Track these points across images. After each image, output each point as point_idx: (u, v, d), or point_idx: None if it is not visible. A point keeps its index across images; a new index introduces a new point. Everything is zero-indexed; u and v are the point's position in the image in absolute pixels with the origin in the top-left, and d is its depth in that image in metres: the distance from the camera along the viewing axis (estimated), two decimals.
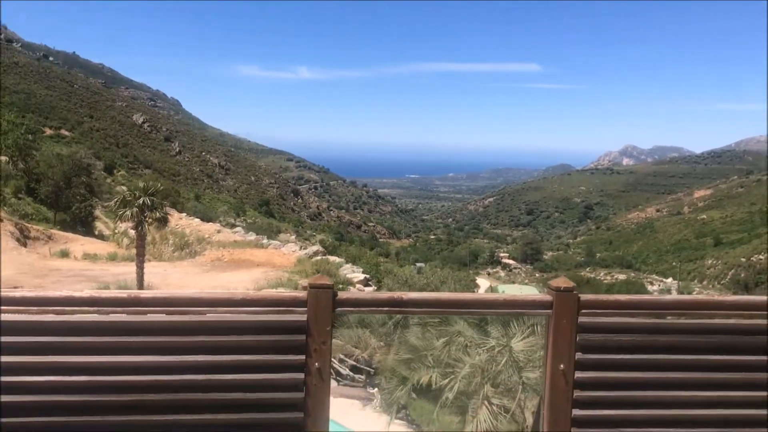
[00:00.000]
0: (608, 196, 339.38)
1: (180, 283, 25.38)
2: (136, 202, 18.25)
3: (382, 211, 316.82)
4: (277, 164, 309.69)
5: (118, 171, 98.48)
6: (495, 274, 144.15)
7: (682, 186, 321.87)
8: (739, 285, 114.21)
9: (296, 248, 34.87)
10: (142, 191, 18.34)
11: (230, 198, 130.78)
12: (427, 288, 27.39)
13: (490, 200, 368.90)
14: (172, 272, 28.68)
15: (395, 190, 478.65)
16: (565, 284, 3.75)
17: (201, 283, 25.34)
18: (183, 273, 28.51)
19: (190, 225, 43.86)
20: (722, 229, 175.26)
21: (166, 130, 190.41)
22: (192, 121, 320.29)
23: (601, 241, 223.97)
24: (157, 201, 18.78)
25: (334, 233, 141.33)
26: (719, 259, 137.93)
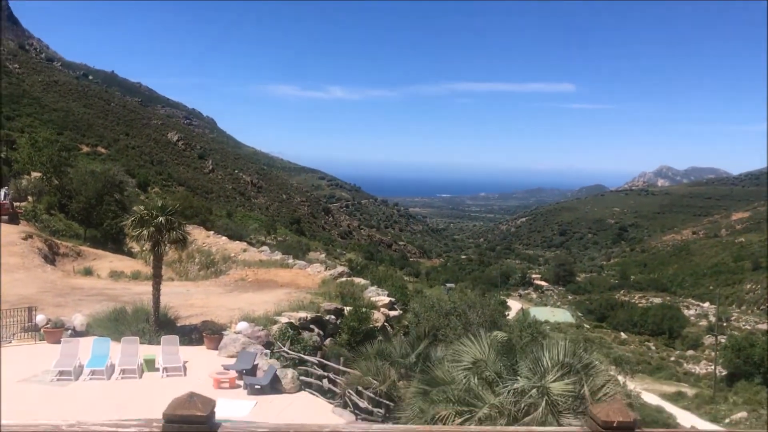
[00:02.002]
0: (643, 217, 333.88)
1: (201, 303, 24.98)
2: (153, 221, 17.75)
3: (413, 230, 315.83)
4: (309, 182, 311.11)
5: (152, 188, 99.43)
6: (527, 295, 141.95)
7: (719, 208, 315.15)
8: None
9: (321, 269, 34.31)
10: (159, 210, 17.87)
11: (262, 216, 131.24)
12: (453, 313, 26.56)
13: (522, 220, 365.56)
14: (194, 292, 28.32)
15: (426, 209, 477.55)
16: (621, 416, 2.52)
17: (223, 303, 24.90)
18: (205, 293, 28.11)
19: (217, 243, 43.66)
20: (761, 252, 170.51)
21: (200, 147, 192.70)
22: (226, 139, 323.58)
23: (636, 264, 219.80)
24: (175, 220, 18.27)
25: (364, 252, 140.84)
26: (758, 284, 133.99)
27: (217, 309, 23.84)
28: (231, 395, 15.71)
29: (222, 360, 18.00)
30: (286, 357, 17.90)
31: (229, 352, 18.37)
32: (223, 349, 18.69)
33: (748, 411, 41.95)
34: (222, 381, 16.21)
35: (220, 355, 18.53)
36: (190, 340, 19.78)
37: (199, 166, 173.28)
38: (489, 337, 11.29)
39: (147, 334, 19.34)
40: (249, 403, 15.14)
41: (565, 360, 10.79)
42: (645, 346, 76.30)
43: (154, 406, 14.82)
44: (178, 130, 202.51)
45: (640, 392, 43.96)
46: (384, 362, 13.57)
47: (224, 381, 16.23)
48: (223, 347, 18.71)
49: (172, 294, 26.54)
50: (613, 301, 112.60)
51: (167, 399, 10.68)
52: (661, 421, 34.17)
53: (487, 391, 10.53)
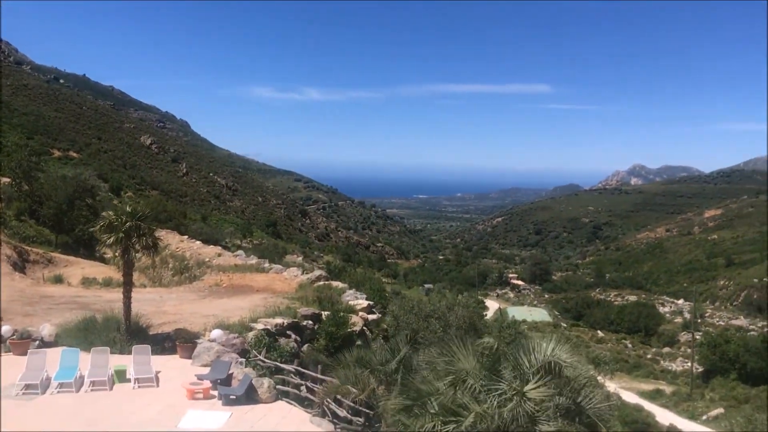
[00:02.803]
0: (617, 216, 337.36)
1: (174, 310, 24.33)
2: (122, 227, 17.17)
3: (390, 231, 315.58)
4: (285, 185, 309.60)
5: (125, 192, 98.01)
6: (504, 295, 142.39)
7: (692, 206, 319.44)
8: (752, 306, 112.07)
9: (298, 273, 33.75)
10: (129, 215, 17.30)
11: (237, 219, 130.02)
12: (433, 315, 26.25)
13: (498, 220, 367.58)
14: (167, 298, 27.63)
15: (404, 210, 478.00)
16: None
17: (197, 310, 24.31)
18: (179, 299, 27.44)
19: (191, 248, 42.89)
20: (734, 249, 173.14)
21: (173, 151, 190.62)
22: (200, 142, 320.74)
23: (611, 262, 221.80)
24: (145, 226, 17.71)
25: (342, 254, 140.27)
26: (731, 280, 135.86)
27: (191, 316, 23.24)
28: (205, 406, 15.20)
29: (196, 369, 17.46)
30: (262, 365, 17.41)
31: (203, 361, 17.82)
32: (196, 357, 18.14)
33: (725, 407, 42.26)
34: (195, 392, 15.68)
35: (194, 365, 17.98)
36: (162, 348, 19.18)
37: (172, 170, 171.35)
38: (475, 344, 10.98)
39: (118, 344, 18.71)
40: (224, 415, 14.65)
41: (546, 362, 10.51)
42: (622, 344, 76.83)
43: (124, 419, 14.31)
44: (151, 133, 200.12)
45: (619, 391, 44.10)
46: (363, 370, 13.17)
47: (198, 391, 15.71)
48: (197, 356, 18.15)
49: (145, 301, 25.87)
50: (589, 300, 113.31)
51: (139, 411, 10.17)
52: (640, 420, 34.22)
53: (471, 400, 10.20)
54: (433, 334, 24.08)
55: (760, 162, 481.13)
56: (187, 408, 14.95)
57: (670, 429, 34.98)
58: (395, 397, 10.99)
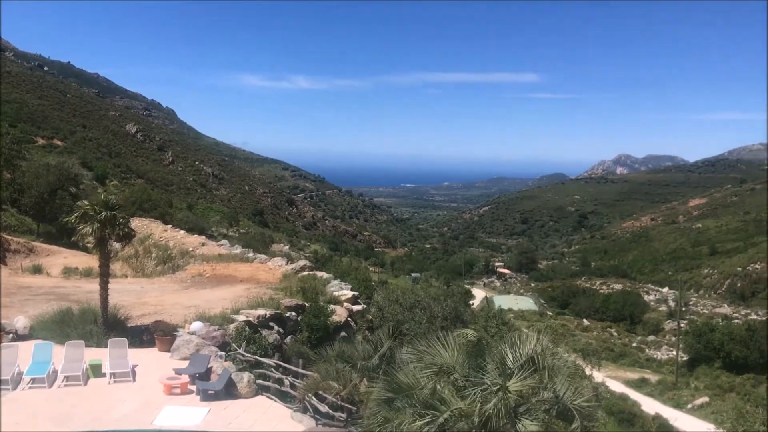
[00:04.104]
0: (602, 204, 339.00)
1: (155, 301, 23.86)
2: (98, 217, 16.67)
3: (377, 220, 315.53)
4: (272, 173, 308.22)
5: (110, 181, 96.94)
6: (490, 283, 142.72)
7: (677, 195, 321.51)
8: (735, 295, 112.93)
9: (283, 263, 33.33)
10: (104, 205, 16.80)
11: (223, 208, 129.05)
12: (417, 306, 25.95)
13: (485, 209, 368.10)
14: (149, 289, 27.13)
15: (391, 199, 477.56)
16: None
17: (178, 301, 23.86)
18: (160, 290, 26.94)
19: (174, 237, 42.32)
20: (717, 238, 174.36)
21: (159, 139, 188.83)
22: (186, 130, 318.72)
23: (596, 250, 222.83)
24: (121, 215, 17.22)
25: (328, 243, 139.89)
26: (715, 269, 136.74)
27: (172, 307, 22.78)
28: (183, 401, 14.79)
29: (174, 363, 17.01)
30: (242, 359, 17.01)
31: (182, 354, 17.38)
32: (175, 351, 17.69)
33: (710, 396, 42.40)
34: (173, 386, 15.26)
35: (173, 358, 17.54)
36: (141, 342, 18.72)
37: (158, 158, 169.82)
38: (458, 337, 10.63)
39: (95, 337, 18.21)
40: (202, 410, 14.25)
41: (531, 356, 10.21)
42: (607, 333, 77.01)
43: (98, 415, 13.87)
44: (137, 121, 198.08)
45: (606, 380, 44.14)
46: (345, 365, 12.82)
47: (175, 386, 15.28)
48: (176, 349, 17.71)
49: (125, 291, 25.39)
50: (574, 288, 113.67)
51: (113, 407, 9.67)
52: (626, 410, 34.19)
53: (454, 395, 9.88)
54: (418, 326, 23.77)
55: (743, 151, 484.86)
56: (164, 404, 14.54)
57: (656, 418, 35.00)
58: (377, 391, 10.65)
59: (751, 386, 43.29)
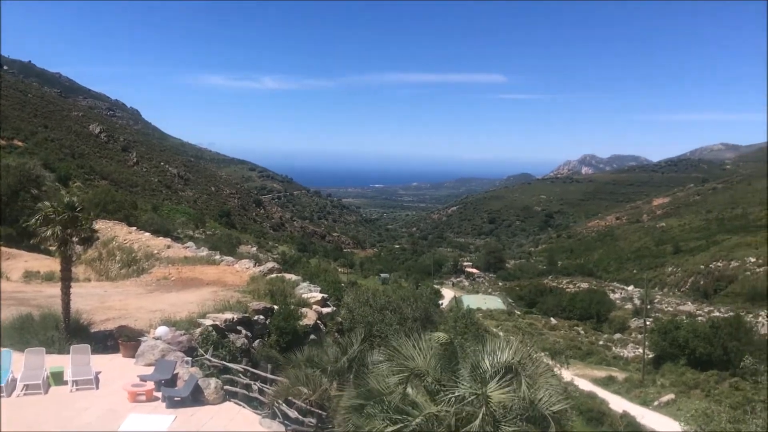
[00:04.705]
0: (568, 204, 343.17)
1: (119, 305, 23.29)
2: (59, 219, 16.19)
3: (346, 220, 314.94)
4: (239, 174, 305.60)
5: (73, 182, 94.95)
6: (459, 283, 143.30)
7: (641, 194, 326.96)
8: (698, 292, 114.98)
9: (250, 265, 32.88)
10: (66, 207, 16.31)
11: (189, 209, 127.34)
12: (388, 308, 25.80)
13: (453, 209, 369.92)
14: (113, 293, 26.51)
15: (359, 199, 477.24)
16: None
17: (143, 305, 23.33)
18: (125, 294, 26.34)
19: (139, 240, 41.49)
20: (681, 236, 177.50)
21: (123, 140, 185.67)
22: (151, 131, 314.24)
23: (562, 249, 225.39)
24: (83, 217, 16.75)
25: (297, 244, 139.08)
26: (679, 267, 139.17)
27: (137, 311, 22.26)
28: (148, 409, 14.39)
29: (139, 369, 16.58)
30: (209, 364, 16.65)
31: (147, 360, 16.95)
32: (140, 357, 17.25)
33: (676, 393, 43.00)
34: (138, 393, 14.84)
35: (137, 364, 17.09)
36: (104, 347, 18.23)
37: (122, 159, 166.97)
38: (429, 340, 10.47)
39: (56, 343, 17.68)
40: (167, 418, 13.88)
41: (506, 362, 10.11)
42: (574, 331, 77.79)
43: (60, 425, 13.41)
44: (100, 121, 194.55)
45: (574, 379, 44.50)
46: (314, 370, 12.58)
47: (140, 393, 14.87)
48: (141, 355, 17.27)
49: (89, 296, 24.78)
50: (542, 287, 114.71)
51: (76, 416, 9.25)
52: (595, 408, 34.47)
53: (426, 400, 9.73)
54: (389, 327, 23.61)
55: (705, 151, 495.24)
56: (129, 411, 14.13)
57: (624, 416, 35.35)
58: (347, 396, 10.45)
59: (714, 383, 44.03)
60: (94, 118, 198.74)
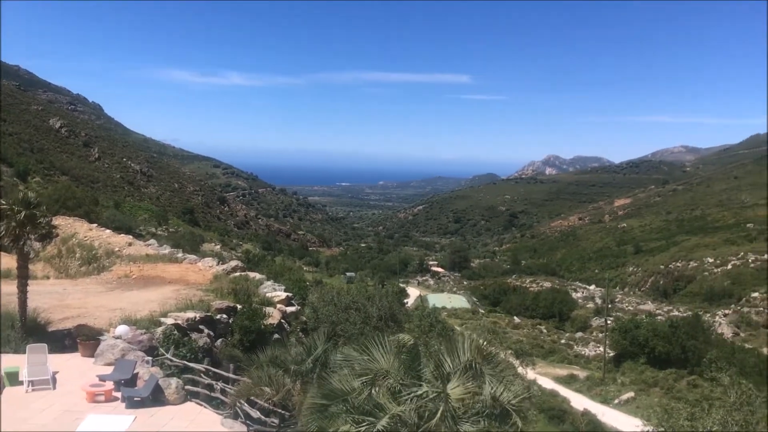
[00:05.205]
0: (532, 204, 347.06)
1: (79, 304, 22.82)
2: (16, 216, 15.79)
3: (312, 219, 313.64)
4: (203, 171, 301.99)
5: (32, 177, 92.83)
6: (424, 282, 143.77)
7: (603, 195, 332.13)
8: (658, 292, 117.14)
9: (214, 263, 32.52)
10: (22, 203, 15.93)
11: (152, 206, 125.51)
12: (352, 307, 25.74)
13: (419, 208, 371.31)
14: (72, 291, 25.98)
15: (326, 197, 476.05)
16: None
17: (103, 303, 22.90)
18: (84, 292, 25.84)
19: (100, 237, 40.72)
20: (641, 237, 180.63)
21: (85, 135, 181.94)
22: (114, 126, 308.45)
23: (526, 249, 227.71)
24: (41, 214, 16.38)
25: (261, 242, 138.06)
26: (639, 267, 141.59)
27: (97, 310, 21.85)
28: (107, 409, 14.13)
29: (98, 369, 16.26)
30: (170, 364, 16.41)
31: (107, 359, 16.64)
32: (99, 356, 16.92)
33: (635, 391, 43.77)
34: (96, 394, 14.56)
35: (97, 364, 16.77)
36: (62, 347, 17.86)
37: (84, 155, 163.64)
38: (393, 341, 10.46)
39: (12, 343, 17.26)
40: (127, 418, 13.64)
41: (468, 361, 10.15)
42: (537, 330, 78.57)
43: (15, 426, 13.07)
44: (61, 116, 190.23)
45: (536, 377, 44.97)
46: (277, 370, 12.47)
47: (99, 393, 14.59)
48: (100, 354, 16.94)
49: (46, 294, 24.27)
50: (505, 286, 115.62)
51: (32, 417, 8.99)
52: (556, 406, 34.88)
53: (390, 401, 9.71)
54: (353, 326, 23.57)
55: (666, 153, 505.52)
56: (87, 412, 13.85)
57: (585, 414, 35.86)
58: (310, 397, 10.38)
59: (673, 380, 44.92)
60: (54, 112, 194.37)
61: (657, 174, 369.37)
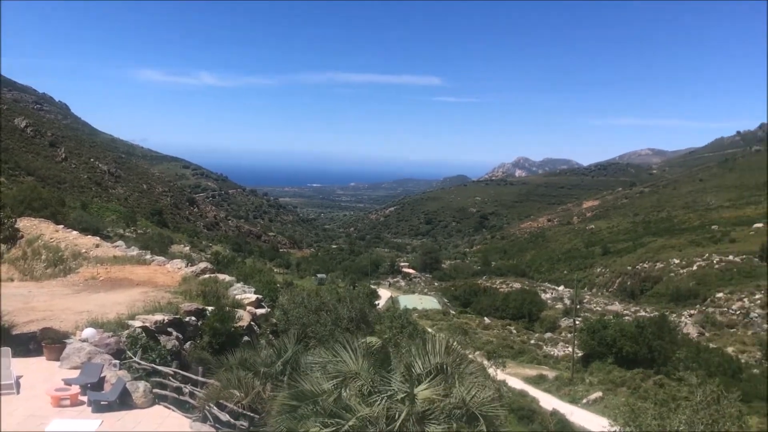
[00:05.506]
0: (502, 206, 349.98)
1: (44, 306, 22.43)
2: None
3: (283, 220, 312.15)
4: (172, 172, 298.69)
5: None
6: (396, 283, 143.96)
7: (572, 197, 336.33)
8: (626, 292, 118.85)
9: (183, 265, 32.17)
10: None
11: (120, 207, 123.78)
12: (323, 309, 25.69)
13: (390, 210, 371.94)
14: (37, 293, 25.51)
15: (297, 199, 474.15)
16: None
17: (69, 306, 22.54)
18: (50, 294, 25.39)
19: (66, 238, 40.06)
20: (609, 238, 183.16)
21: (51, 135, 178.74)
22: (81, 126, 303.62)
23: (496, 250, 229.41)
24: (5, 215, 16.07)
25: (231, 244, 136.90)
26: (607, 268, 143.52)
27: (62, 313, 21.47)
28: (72, 414, 13.91)
29: (64, 373, 16.00)
30: (137, 367, 16.21)
31: (73, 363, 16.38)
32: (65, 360, 16.66)
33: (603, 391, 44.35)
34: (62, 398, 14.32)
35: (62, 368, 16.50)
36: (27, 351, 17.53)
37: (50, 155, 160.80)
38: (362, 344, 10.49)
39: None
40: (93, 423, 13.45)
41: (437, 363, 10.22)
42: (507, 330, 79.17)
43: None
44: (27, 115, 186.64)
45: (506, 377, 45.31)
46: (247, 372, 12.40)
47: (65, 398, 14.35)
48: (66, 358, 16.68)
49: (11, 296, 23.80)
50: (476, 287, 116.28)
51: None
52: (526, 406, 35.20)
53: (360, 402, 9.73)
54: (324, 328, 23.51)
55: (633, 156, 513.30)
56: (52, 417, 13.62)
57: (554, 413, 36.25)
58: (280, 399, 10.35)
59: (640, 380, 45.60)
60: (19, 111, 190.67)
61: (624, 176, 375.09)
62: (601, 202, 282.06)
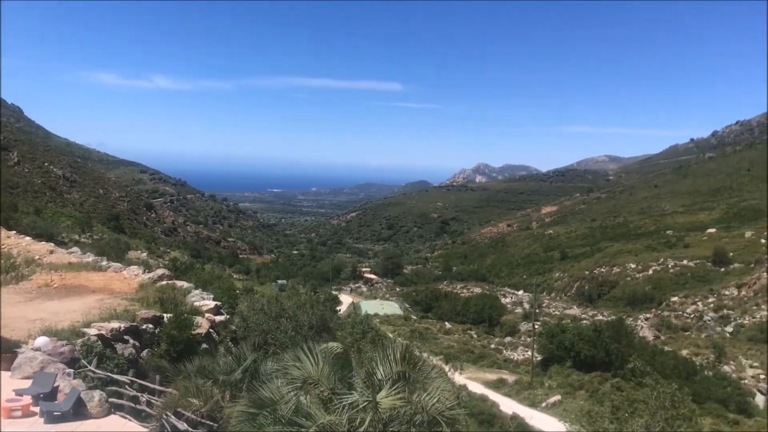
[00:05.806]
0: (463, 211, 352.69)
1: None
2: None
3: (243, 225, 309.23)
4: (129, 176, 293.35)
5: None
6: (357, 289, 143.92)
7: (531, 202, 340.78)
8: (583, 297, 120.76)
9: (140, 271, 31.66)
10: None
11: (75, 212, 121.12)
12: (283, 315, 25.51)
13: (352, 215, 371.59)
14: None
15: (257, 204, 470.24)
16: None
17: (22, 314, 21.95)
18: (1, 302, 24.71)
19: (18, 244, 39.06)
20: (567, 243, 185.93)
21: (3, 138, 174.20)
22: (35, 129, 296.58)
23: (457, 255, 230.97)
24: None
25: (190, 250, 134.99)
26: (565, 272, 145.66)
27: (14, 321, 20.90)
28: (24, 425, 13.53)
29: (15, 383, 15.54)
30: (93, 376, 15.85)
31: (25, 373, 15.94)
32: (17, 369, 16.20)
33: (562, 394, 44.91)
34: (13, 409, 13.91)
35: (14, 378, 16.04)
36: None
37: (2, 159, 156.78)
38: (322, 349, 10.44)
39: None
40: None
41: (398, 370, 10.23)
42: (468, 335, 79.67)
43: None
44: None
45: (466, 382, 45.60)
46: (206, 380, 12.24)
47: (16, 409, 13.94)
48: (18, 368, 16.22)
49: None
50: (437, 292, 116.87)
51: None
52: (486, 411, 35.44)
53: (320, 409, 9.67)
54: (284, 335, 23.34)
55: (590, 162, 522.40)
56: (2, 429, 13.23)
57: (513, 417, 36.57)
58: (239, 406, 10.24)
59: (598, 383, 46.28)
60: None
61: (582, 182, 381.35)
62: (559, 207, 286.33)
